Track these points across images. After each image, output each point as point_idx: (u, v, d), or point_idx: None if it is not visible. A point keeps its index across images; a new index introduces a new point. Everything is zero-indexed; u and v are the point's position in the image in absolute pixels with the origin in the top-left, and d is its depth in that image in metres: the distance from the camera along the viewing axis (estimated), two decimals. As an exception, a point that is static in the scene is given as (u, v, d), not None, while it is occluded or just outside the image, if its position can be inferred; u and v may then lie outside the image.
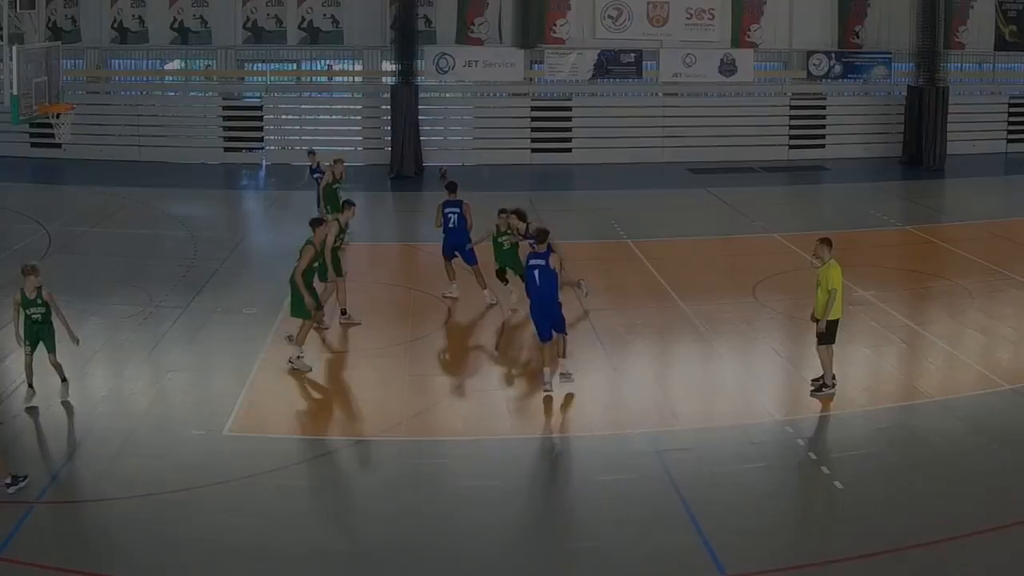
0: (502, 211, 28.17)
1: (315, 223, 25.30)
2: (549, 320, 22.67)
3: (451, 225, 28.94)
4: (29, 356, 21.84)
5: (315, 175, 37.18)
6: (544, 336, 22.69)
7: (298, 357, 24.13)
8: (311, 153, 39.23)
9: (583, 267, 31.92)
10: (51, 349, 21.94)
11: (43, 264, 23.61)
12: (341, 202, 29.01)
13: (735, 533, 16.89)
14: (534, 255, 22.94)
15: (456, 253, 28.98)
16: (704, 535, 16.76)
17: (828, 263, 22.12)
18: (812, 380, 22.60)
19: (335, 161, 35.40)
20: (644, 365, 24.94)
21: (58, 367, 21.99)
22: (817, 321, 22.19)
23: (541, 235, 23.10)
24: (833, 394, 22.21)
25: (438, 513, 18.00)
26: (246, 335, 26.69)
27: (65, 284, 28.79)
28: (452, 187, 29.59)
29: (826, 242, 22.47)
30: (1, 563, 15.84)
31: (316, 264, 25.00)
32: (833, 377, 22.37)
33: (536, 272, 22.59)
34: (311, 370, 24.02)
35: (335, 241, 26.68)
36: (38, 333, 21.80)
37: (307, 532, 17.26)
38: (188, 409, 22.19)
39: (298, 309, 24.34)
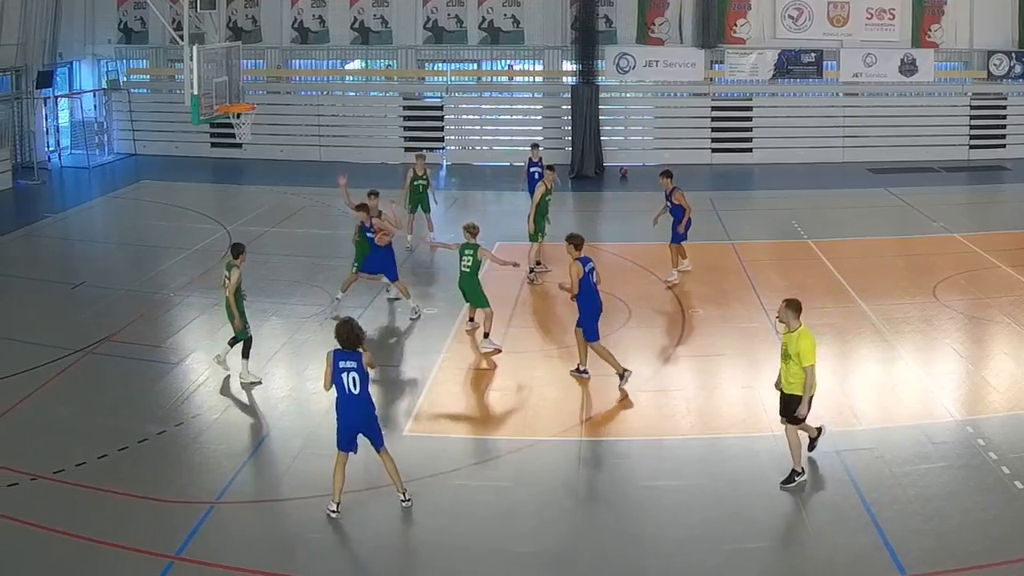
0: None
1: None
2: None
3: None
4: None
5: (532, 168, 36.64)
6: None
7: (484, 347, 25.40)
8: (534, 147, 38.62)
9: (763, 267, 32.07)
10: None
11: (219, 264, 24.40)
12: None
13: (915, 533, 16.94)
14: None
15: None
16: (884, 535, 16.84)
17: (798, 331, 18.58)
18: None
19: (418, 156, 37.00)
20: (824, 365, 24.62)
21: None
22: (791, 397, 18.76)
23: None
24: (805, 482, 18.89)
25: (617, 514, 18.30)
26: (426, 335, 27.29)
27: (245, 284, 29.35)
28: None
29: (793, 305, 18.60)
30: (181, 562, 16.39)
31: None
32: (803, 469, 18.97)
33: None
34: (500, 350, 25.39)
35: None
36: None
37: (486, 532, 17.59)
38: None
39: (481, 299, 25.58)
